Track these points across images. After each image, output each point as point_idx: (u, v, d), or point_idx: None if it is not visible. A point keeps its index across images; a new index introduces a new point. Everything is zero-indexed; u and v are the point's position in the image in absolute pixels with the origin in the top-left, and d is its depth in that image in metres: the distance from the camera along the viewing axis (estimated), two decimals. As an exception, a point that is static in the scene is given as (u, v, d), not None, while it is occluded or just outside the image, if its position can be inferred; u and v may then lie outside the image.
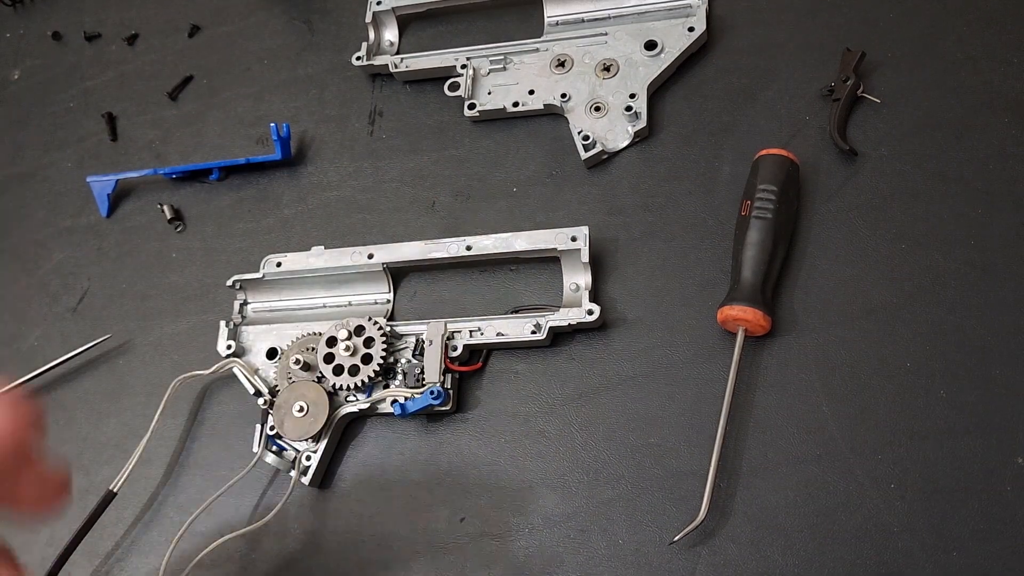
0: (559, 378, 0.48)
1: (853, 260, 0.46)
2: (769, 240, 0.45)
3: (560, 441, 0.46)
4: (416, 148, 0.57)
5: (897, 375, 0.43)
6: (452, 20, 0.61)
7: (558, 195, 0.53)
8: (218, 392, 0.53)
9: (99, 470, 0.53)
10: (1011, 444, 0.41)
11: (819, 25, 0.52)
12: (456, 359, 0.48)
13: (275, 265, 0.53)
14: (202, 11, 0.68)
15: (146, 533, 0.50)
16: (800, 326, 0.45)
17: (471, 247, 0.50)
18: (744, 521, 0.42)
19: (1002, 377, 0.42)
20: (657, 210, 0.50)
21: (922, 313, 0.44)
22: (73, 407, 0.55)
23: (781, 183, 0.46)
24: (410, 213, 0.55)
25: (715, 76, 0.53)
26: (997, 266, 0.44)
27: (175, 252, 0.59)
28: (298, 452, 0.48)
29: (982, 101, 0.48)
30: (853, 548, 0.40)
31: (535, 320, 0.48)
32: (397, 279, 0.53)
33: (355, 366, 0.48)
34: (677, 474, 0.44)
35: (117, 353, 0.56)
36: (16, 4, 0.74)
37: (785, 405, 0.44)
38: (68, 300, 0.60)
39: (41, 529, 0.52)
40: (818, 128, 0.50)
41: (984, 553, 0.39)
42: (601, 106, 0.53)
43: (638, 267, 0.49)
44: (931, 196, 0.46)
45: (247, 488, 0.50)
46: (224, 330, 0.53)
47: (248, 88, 0.63)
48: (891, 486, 0.41)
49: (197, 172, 0.60)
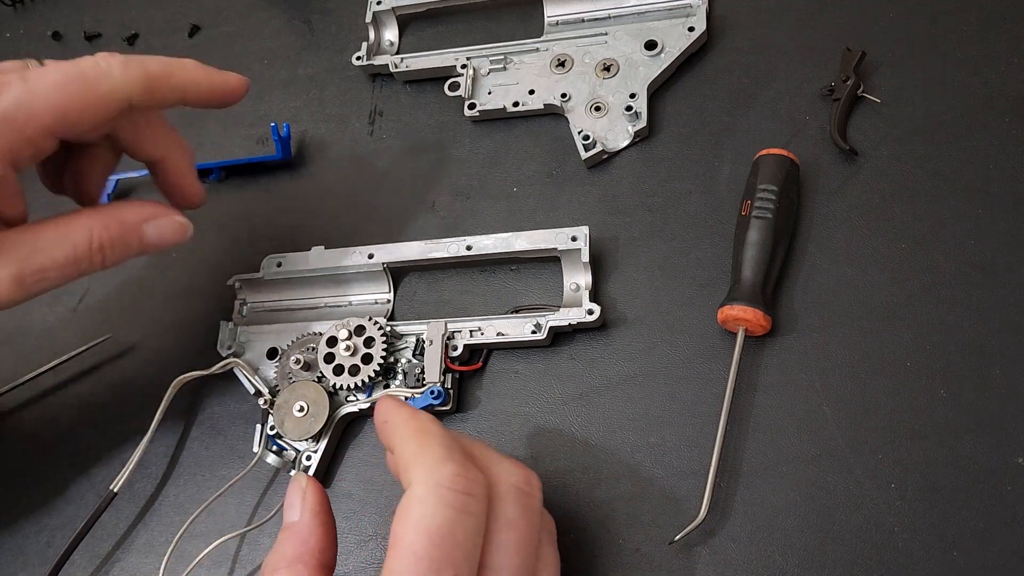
0: (559, 378, 0.48)
1: (853, 260, 0.46)
2: (769, 240, 0.45)
3: (560, 441, 0.46)
4: (416, 148, 0.57)
5: (897, 375, 0.43)
6: (452, 20, 0.61)
7: (558, 195, 0.53)
8: (218, 392, 0.53)
9: (99, 470, 0.53)
10: (1011, 444, 0.41)
11: (819, 25, 0.52)
12: (456, 359, 0.48)
13: (275, 265, 0.53)
14: (202, 11, 0.68)
15: (146, 533, 0.50)
16: (800, 326, 0.45)
17: (471, 247, 0.50)
18: (744, 521, 0.42)
19: (1002, 377, 0.42)
20: (657, 210, 0.50)
21: (922, 313, 0.44)
22: (73, 407, 0.55)
23: (781, 183, 0.46)
24: (410, 213, 0.55)
25: (715, 76, 0.53)
26: (997, 266, 0.44)
27: (175, 252, 0.59)
28: (298, 452, 0.48)
29: (982, 101, 0.48)
30: (853, 548, 0.40)
31: (535, 320, 0.48)
32: (397, 279, 0.53)
33: (355, 366, 0.48)
34: (677, 474, 0.44)
35: (117, 353, 0.56)
36: (16, 4, 0.74)
37: (785, 405, 0.44)
38: (68, 300, 0.60)
39: (41, 529, 0.52)
40: (818, 128, 0.50)
41: (984, 553, 0.39)
42: (601, 106, 0.53)
43: (638, 267, 0.49)
44: (931, 196, 0.47)
45: (247, 488, 0.50)
46: (224, 330, 0.53)
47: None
48: (891, 486, 0.41)
49: (197, 172, 0.60)
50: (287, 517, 0.37)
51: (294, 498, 0.38)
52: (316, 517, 0.37)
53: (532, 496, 0.36)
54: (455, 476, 0.33)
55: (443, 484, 0.33)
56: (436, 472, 0.33)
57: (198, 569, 0.47)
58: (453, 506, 0.32)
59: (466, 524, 0.33)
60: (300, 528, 0.37)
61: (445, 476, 0.33)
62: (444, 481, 0.33)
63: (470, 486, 0.33)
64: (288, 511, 0.38)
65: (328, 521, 0.37)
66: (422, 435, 0.35)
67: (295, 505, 0.37)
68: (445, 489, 0.33)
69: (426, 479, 0.33)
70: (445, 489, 0.33)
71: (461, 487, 0.33)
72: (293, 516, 0.37)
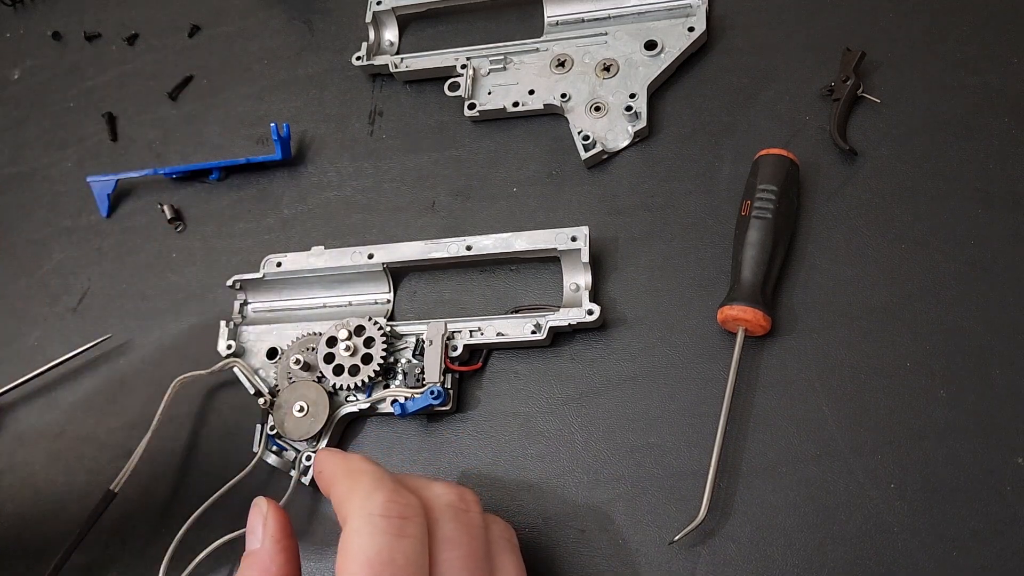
0: (559, 378, 0.48)
1: (853, 260, 0.46)
2: (769, 240, 0.45)
3: (560, 441, 0.46)
4: (416, 148, 0.57)
5: (897, 375, 0.43)
6: (452, 20, 0.61)
7: (558, 195, 0.53)
8: (218, 392, 0.53)
9: (99, 470, 0.53)
10: (1011, 444, 0.41)
11: (819, 25, 0.52)
12: (456, 359, 0.48)
13: (275, 265, 0.53)
14: (202, 11, 0.68)
15: (146, 533, 0.50)
16: (800, 326, 0.45)
17: (471, 247, 0.50)
18: (744, 521, 0.42)
19: (1002, 377, 0.42)
20: (657, 210, 0.50)
21: (922, 313, 0.44)
22: (73, 407, 0.55)
23: (781, 183, 0.46)
24: (410, 213, 0.55)
25: (715, 76, 0.53)
26: (997, 266, 0.44)
27: (175, 252, 0.59)
28: (298, 452, 0.48)
29: (982, 101, 0.48)
30: (853, 548, 0.40)
31: (535, 320, 0.48)
32: (397, 279, 0.53)
33: (355, 366, 0.48)
34: (677, 474, 0.44)
35: (117, 353, 0.56)
36: (16, 4, 0.74)
37: (785, 405, 0.44)
38: (68, 300, 0.60)
39: (41, 529, 0.52)
40: (818, 128, 0.50)
41: (984, 553, 0.39)
42: (601, 106, 0.53)
43: (638, 267, 0.49)
44: (931, 196, 0.47)
45: (247, 488, 0.49)
46: (224, 330, 0.53)
47: (248, 88, 0.63)
48: (891, 486, 0.41)
49: (197, 172, 0.60)
50: (249, 544, 0.37)
51: (255, 524, 0.37)
52: (277, 543, 0.37)
53: (468, 511, 0.37)
54: (386, 503, 0.34)
55: (375, 512, 0.33)
56: (367, 503, 0.34)
57: (198, 569, 0.47)
58: (388, 532, 0.33)
59: (404, 547, 0.33)
60: (262, 556, 0.36)
61: (376, 504, 0.33)
62: (376, 509, 0.33)
63: (402, 509, 0.34)
64: (250, 537, 0.37)
65: (290, 546, 0.37)
66: (353, 473, 0.36)
67: (256, 531, 0.37)
68: (378, 517, 0.33)
69: (359, 511, 0.33)
70: (378, 517, 0.33)
71: (394, 512, 0.33)
72: (255, 543, 0.37)
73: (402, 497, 0.34)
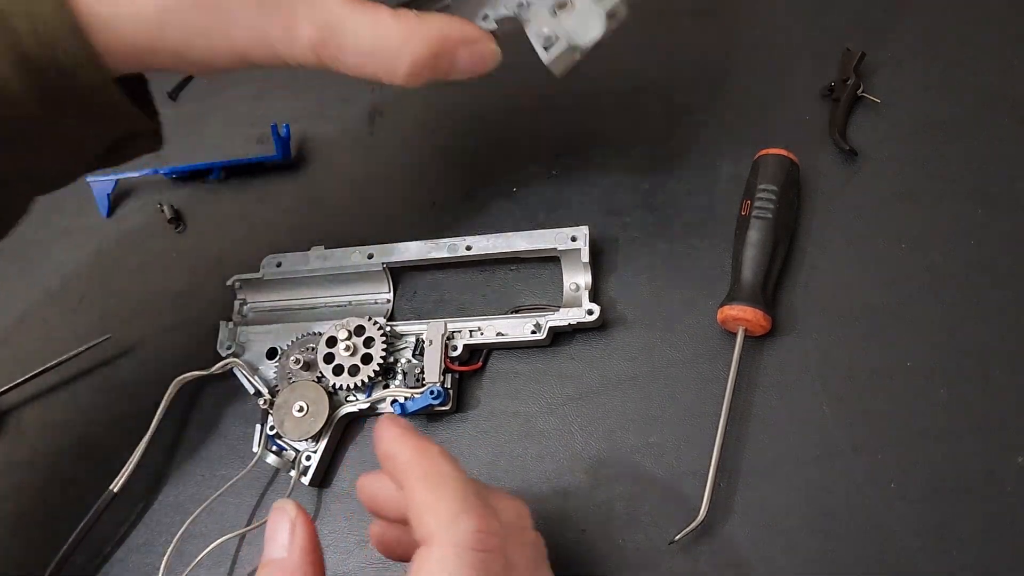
0: (559, 378, 0.48)
1: (853, 260, 0.46)
2: (769, 240, 0.45)
3: (560, 441, 0.46)
4: (416, 148, 0.57)
5: (897, 375, 0.43)
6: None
7: (558, 195, 0.53)
8: (218, 392, 0.53)
9: (99, 470, 0.53)
10: (1011, 444, 0.41)
11: (819, 25, 0.52)
12: (456, 359, 0.48)
13: (275, 265, 0.53)
14: (202, 11, 0.68)
15: (146, 533, 0.50)
16: (800, 326, 0.45)
17: (471, 247, 0.50)
18: (744, 521, 0.42)
19: (1002, 377, 0.42)
20: (657, 210, 0.50)
21: (922, 313, 0.44)
22: (73, 407, 0.55)
23: (781, 183, 0.46)
24: (410, 213, 0.55)
25: (715, 75, 0.53)
26: (997, 266, 0.44)
27: (175, 252, 0.59)
28: (298, 452, 0.48)
29: (982, 101, 0.48)
30: (853, 548, 0.40)
31: (535, 320, 0.48)
32: (397, 279, 0.53)
33: (355, 366, 0.48)
34: (677, 474, 0.44)
35: (117, 353, 0.56)
36: (16, 4, 0.74)
37: (785, 405, 0.44)
38: (68, 300, 0.59)
39: (41, 529, 0.52)
40: (818, 128, 0.50)
41: (984, 553, 0.39)
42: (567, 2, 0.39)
43: (638, 267, 0.49)
44: (931, 196, 0.47)
45: (247, 488, 0.49)
46: (224, 330, 0.53)
47: (248, 88, 0.63)
48: (891, 486, 0.41)
49: (197, 172, 0.60)
50: (270, 550, 0.33)
51: (279, 529, 0.33)
52: (307, 556, 0.33)
53: (526, 530, 0.36)
54: (476, 533, 0.31)
55: (463, 544, 0.31)
56: (456, 529, 0.31)
57: (198, 569, 0.47)
58: (474, 567, 0.30)
59: None
60: (288, 567, 0.32)
61: (468, 535, 0.31)
62: (464, 540, 0.31)
63: (490, 541, 0.31)
64: (270, 543, 0.33)
65: (318, 561, 0.33)
66: (434, 478, 0.32)
67: (280, 539, 0.33)
68: (466, 550, 0.30)
69: (448, 539, 0.31)
70: (466, 550, 0.30)
71: (485, 546, 0.31)
72: (278, 551, 0.33)
73: (491, 526, 0.31)
